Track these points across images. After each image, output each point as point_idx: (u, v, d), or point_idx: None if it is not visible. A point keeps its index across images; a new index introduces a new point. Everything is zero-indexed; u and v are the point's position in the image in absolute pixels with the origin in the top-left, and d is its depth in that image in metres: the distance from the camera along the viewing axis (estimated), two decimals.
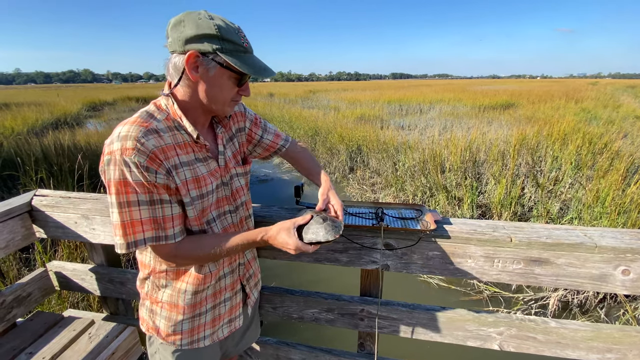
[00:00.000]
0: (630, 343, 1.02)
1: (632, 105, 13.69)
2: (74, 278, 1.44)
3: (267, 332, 1.39)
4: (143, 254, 0.88)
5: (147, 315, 0.93)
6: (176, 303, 0.87)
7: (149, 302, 0.92)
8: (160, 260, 0.84)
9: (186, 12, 0.73)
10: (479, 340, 1.11)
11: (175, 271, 0.87)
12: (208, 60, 0.73)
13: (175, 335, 0.90)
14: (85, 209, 1.27)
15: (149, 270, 0.88)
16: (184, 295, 0.87)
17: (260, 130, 1.05)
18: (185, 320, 0.89)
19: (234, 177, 0.93)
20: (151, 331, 0.93)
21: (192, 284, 0.87)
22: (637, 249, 0.91)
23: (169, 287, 0.88)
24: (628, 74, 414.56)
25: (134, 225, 0.72)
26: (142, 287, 0.93)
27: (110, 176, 0.70)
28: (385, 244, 1.06)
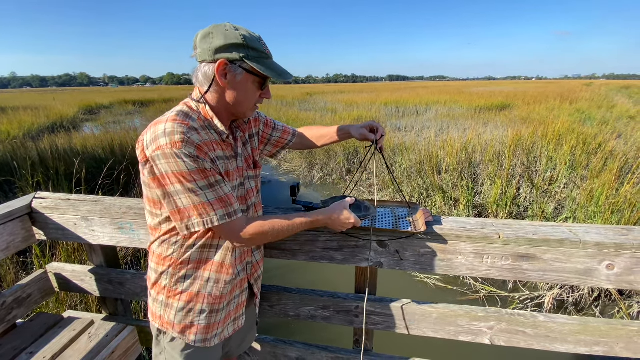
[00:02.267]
0: (616, 336, 1.05)
1: (626, 105, 13.84)
2: (73, 279, 1.46)
3: (264, 331, 1.42)
4: (162, 246, 0.90)
5: (161, 310, 0.93)
6: (198, 292, 0.90)
7: (165, 297, 0.92)
8: (187, 250, 0.88)
9: (213, 25, 0.81)
10: (470, 335, 1.14)
11: (198, 260, 0.89)
12: (235, 67, 0.81)
13: (192, 329, 0.92)
14: (85, 210, 1.29)
15: (169, 262, 0.90)
16: (207, 284, 0.91)
17: (270, 129, 1.15)
18: (203, 313, 0.92)
19: (246, 179, 0.98)
20: (166, 326, 0.93)
21: (215, 272, 0.91)
22: (620, 244, 0.95)
23: (190, 278, 0.90)
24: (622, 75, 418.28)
25: (205, 206, 0.79)
26: (157, 282, 0.93)
27: (165, 169, 0.76)
28: (379, 242, 1.09)
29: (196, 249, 0.89)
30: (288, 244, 1.17)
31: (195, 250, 0.89)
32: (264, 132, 1.14)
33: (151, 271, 0.94)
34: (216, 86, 0.84)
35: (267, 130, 1.14)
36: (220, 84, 0.82)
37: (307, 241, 1.15)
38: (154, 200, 0.85)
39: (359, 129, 1.15)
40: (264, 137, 1.14)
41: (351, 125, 1.19)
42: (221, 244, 0.91)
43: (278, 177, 7.33)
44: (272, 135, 1.16)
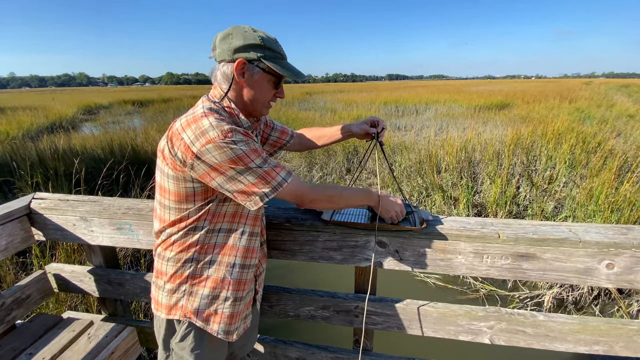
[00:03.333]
0: (616, 335, 1.05)
1: (626, 104, 13.85)
2: (72, 280, 1.46)
3: (264, 331, 1.41)
4: (188, 234, 0.89)
5: (184, 299, 0.91)
6: (223, 278, 0.92)
7: (189, 285, 0.91)
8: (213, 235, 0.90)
9: (233, 27, 0.86)
10: (470, 334, 1.14)
11: (222, 245, 0.91)
12: (253, 67, 0.85)
13: (216, 317, 0.92)
14: (84, 211, 1.29)
15: (194, 248, 0.90)
16: (232, 269, 0.92)
17: (269, 129, 1.20)
18: (228, 300, 0.93)
19: None
20: (189, 314, 0.91)
21: (240, 257, 0.93)
22: (620, 244, 0.95)
23: (215, 263, 0.91)
24: (622, 74, 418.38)
25: (269, 173, 0.84)
26: (177, 273, 0.91)
27: (222, 158, 0.79)
28: (378, 241, 1.09)
29: (222, 234, 0.91)
30: (287, 244, 1.17)
31: (221, 234, 0.91)
32: (264, 132, 1.17)
33: (169, 264, 0.92)
34: (234, 84, 0.88)
35: (266, 130, 1.18)
36: (239, 82, 0.87)
37: (306, 241, 1.15)
38: (185, 195, 0.86)
39: (359, 125, 1.19)
40: (263, 136, 1.17)
41: (351, 123, 1.22)
42: (246, 229, 0.94)
43: None
44: (271, 135, 1.19)
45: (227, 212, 0.91)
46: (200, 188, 0.86)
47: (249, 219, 0.94)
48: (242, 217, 0.93)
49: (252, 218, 0.95)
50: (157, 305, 0.96)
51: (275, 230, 1.16)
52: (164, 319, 0.95)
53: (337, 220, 1.10)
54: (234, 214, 0.92)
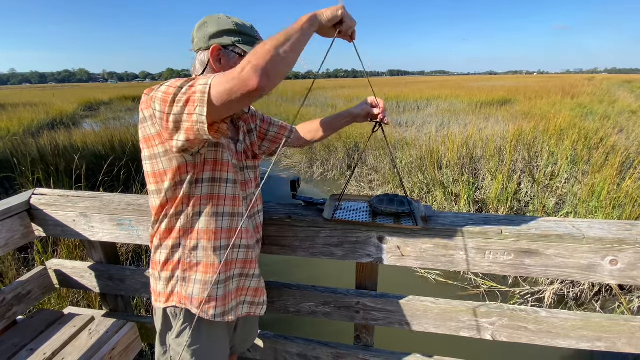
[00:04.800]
0: (619, 332, 1.05)
1: (628, 100, 13.76)
2: (73, 276, 1.46)
3: (264, 326, 1.41)
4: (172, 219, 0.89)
5: (178, 286, 0.92)
6: (213, 262, 0.90)
7: (181, 271, 0.91)
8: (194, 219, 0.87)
9: (208, 16, 0.86)
10: (472, 330, 1.14)
11: (206, 229, 0.89)
12: (229, 52, 0.85)
13: (210, 303, 0.92)
14: (84, 207, 1.28)
15: (180, 234, 0.89)
16: (220, 252, 0.90)
17: (267, 125, 1.16)
18: (220, 283, 0.92)
19: (244, 169, 0.98)
20: (184, 301, 0.91)
21: (225, 238, 0.91)
22: (624, 240, 0.94)
23: (202, 248, 0.90)
24: (624, 69, 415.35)
25: (192, 85, 0.72)
26: (171, 260, 0.91)
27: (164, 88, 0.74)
28: (379, 237, 1.08)
29: (203, 217, 0.88)
30: (288, 240, 1.16)
31: (202, 218, 0.88)
32: (261, 128, 1.14)
33: (161, 252, 0.92)
34: (211, 72, 0.85)
35: (264, 126, 1.15)
36: (215, 69, 0.85)
37: (307, 237, 1.14)
38: (158, 173, 0.84)
39: (360, 107, 1.14)
40: (261, 132, 1.14)
41: (350, 108, 1.17)
42: (226, 210, 0.90)
43: (278, 173, 7.32)
44: (269, 131, 1.16)
45: (203, 194, 0.87)
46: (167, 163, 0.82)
47: (227, 199, 0.90)
48: (220, 199, 0.89)
49: (230, 198, 0.91)
50: (155, 295, 0.96)
51: (276, 226, 1.15)
52: (162, 308, 0.95)
53: (338, 218, 1.10)
54: (210, 196, 0.88)
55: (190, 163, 0.84)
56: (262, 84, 0.66)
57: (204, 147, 0.83)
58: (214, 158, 0.86)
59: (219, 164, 0.87)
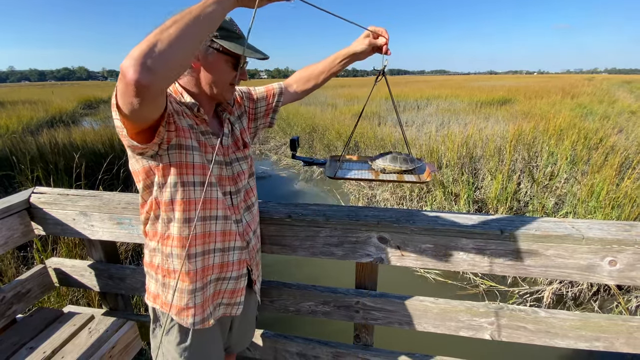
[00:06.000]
0: (617, 332, 1.05)
1: (628, 100, 13.76)
2: (73, 274, 1.46)
3: (264, 325, 1.42)
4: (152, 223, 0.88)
5: (160, 289, 0.92)
6: (188, 270, 0.88)
7: (162, 276, 0.91)
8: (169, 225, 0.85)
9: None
10: (471, 330, 1.14)
11: (179, 236, 0.86)
12: (206, 47, 0.80)
13: (189, 310, 0.90)
14: (84, 205, 1.28)
15: (159, 239, 0.89)
16: (195, 260, 0.88)
17: (254, 102, 1.09)
18: (197, 291, 0.90)
19: (234, 162, 0.96)
20: (164, 307, 0.92)
21: (200, 244, 0.88)
22: (623, 240, 0.94)
23: (176, 256, 0.88)
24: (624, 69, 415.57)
25: None
26: (152, 262, 0.92)
27: None
28: (380, 237, 1.09)
29: (175, 224, 0.85)
30: (288, 240, 1.16)
31: (175, 225, 0.85)
32: (250, 109, 1.08)
33: (148, 252, 0.94)
34: (190, 71, 0.83)
35: (252, 106, 1.08)
36: (193, 65, 0.82)
37: (307, 237, 1.14)
38: (135, 173, 0.84)
39: (362, 40, 1.00)
40: (250, 113, 1.09)
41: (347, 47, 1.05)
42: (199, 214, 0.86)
43: (278, 172, 7.32)
44: (258, 108, 1.10)
45: (172, 199, 0.83)
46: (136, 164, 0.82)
47: (198, 203, 0.85)
48: (190, 204, 0.84)
49: (201, 202, 0.86)
50: (147, 292, 0.97)
51: (276, 225, 1.15)
52: (151, 307, 0.96)
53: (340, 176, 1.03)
54: (181, 201, 0.83)
55: (154, 166, 0.81)
56: (140, 77, 0.54)
57: (162, 150, 0.78)
58: (178, 161, 0.81)
59: (184, 166, 0.82)
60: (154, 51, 0.55)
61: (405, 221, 1.06)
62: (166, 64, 0.57)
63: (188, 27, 0.58)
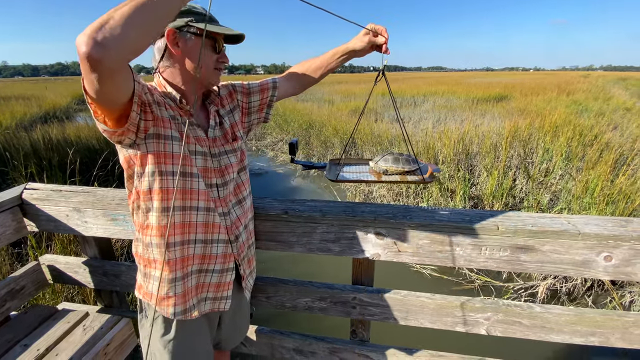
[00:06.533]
0: (612, 327, 1.06)
1: (623, 97, 13.86)
2: (67, 271, 1.44)
3: (261, 321, 1.41)
4: (135, 213, 0.90)
5: (142, 279, 0.94)
6: (167, 259, 0.88)
7: (143, 266, 0.93)
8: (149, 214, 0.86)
9: None
10: (467, 325, 1.14)
11: (158, 225, 0.86)
12: (184, 33, 0.82)
13: (169, 300, 0.90)
14: (77, 201, 1.27)
15: (140, 229, 0.90)
16: (174, 249, 0.88)
17: (248, 97, 1.08)
18: (178, 280, 0.90)
19: (222, 154, 0.95)
20: (146, 297, 0.94)
21: (179, 234, 0.88)
22: (619, 236, 0.94)
23: (155, 245, 0.88)
24: (620, 66, 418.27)
25: None
26: (137, 252, 0.94)
27: None
28: (376, 233, 1.08)
29: (154, 213, 0.86)
30: (284, 236, 1.15)
31: (154, 214, 0.86)
32: (244, 103, 1.07)
33: (134, 243, 0.96)
34: (171, 58, 0.84)
35: (245, 100, 1.08)
36: (175, 53, 0.83)
37: (303, 233, 1.14)
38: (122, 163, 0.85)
39: (361, 38, 1.00)
40: (244, 107, 1.08)
41: (346, 43, 1.05)
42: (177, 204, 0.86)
43: (275, 169, 7.30)
44: (252, 102, 1.08)
45: (150, 188, 0.84)
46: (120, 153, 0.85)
47: (177, 192, 0.86)
48: (169, 193, 0.84)
49: (180, 192, 0.86)
50: (137, 284, 0.98)
51: (272, 221, 1.14)
52: (138, 298, 0.97)
53: (343, 179, 1.05)
54: (159, 190, 0.83)
55: (133, 155, 0.82)
56: (91, 52, 0.54)
57: (140, 139, 0.79)
58: (156, 150, 0.81)
59: (163, 156, 0.82)
60: (105, 27, 0.55)
61: (402, 217, 1.06)
62: (117, 40, 0.56)
63: (142, 6, 0.58)
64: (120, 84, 0.66)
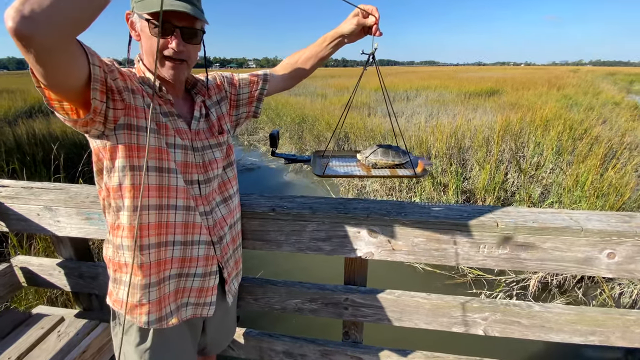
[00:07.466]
0: (613, 325, 1.03)
1: (611, 92, 14.05)
2: (40, 273, 1.35)
3: (249, 323, 1.35)
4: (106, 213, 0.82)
5: (112, 285, 0.87)
6: (141, 263, 0.79)
7: (113, 270, 0.85)
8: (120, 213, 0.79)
9: None
10: (464, 326, 1.10)
11: (129, 226, 0.78)
12: (134, 15, 0.77)
13: (142, 308, 0.82)
14: (48, 199, 1.18)
15: (110, 229, 0.83)
16: (148, 252, 0.80)
17: (237, 89, 1.02)
18: (152, 286, 0.82)
19: (206, 148, 0.88)
20: (116, 305, 0.86)
21: (154, 235, 0.80)
22: (623, 232, 0.90)
23: (127, 247, 0.80)
24: (608, 62, 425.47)
25: None
26: (106, 254, 0.86)
27: None
28: (369, 231, 1.02)
29: (126, 212, 0.78)
30: (272, 235, 1.09)
31: (125, 214, 0.78)
32: (232, 95, 1.00)
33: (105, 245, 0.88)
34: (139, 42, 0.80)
35: (234, 92, 1.01)
36: (136, 38, 0.79)
37: (292, 231, 1.07)
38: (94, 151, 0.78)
39: (350, 20, 0.92)
40: (232, 100, 1.01)
41: (335, 28, 0.98)
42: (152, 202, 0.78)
43: (267, 164, 7.20)
44: (241, 94, 1.02)
45: (121, 184, 0.76)
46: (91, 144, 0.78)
47: (152, 190, 0.78)
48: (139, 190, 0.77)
49: (155, 189, 0.78)
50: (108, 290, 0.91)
51: (259, 219, 1.07)
52: (109, 305, 0.89)
53: (329, 174, 0.97)
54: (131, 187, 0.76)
55: (102, 147, 0.74)
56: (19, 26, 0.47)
57: (109, 130, 0.71)
58: (127, 142, 0.73)
59: (135, 149, 0.75)
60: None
61: (396, 214, 1.00)
62: (47, 13, 0.48)
63: None
64: (66, 66, 0.57)
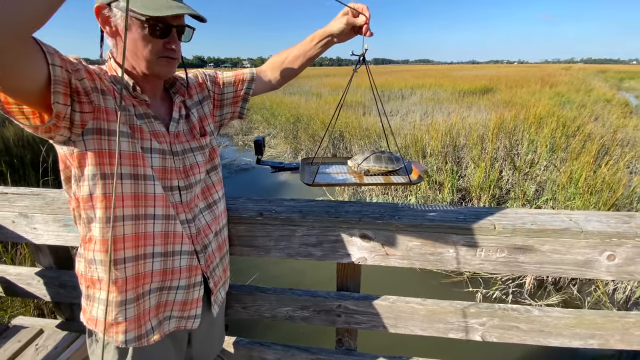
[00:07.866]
0: (613, 328, 1.00)
1: (603, 89, 14.20)
2: (19, 283, 1.29)
3: (238, 331, 1.30)
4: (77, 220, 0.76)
5: (85, 302, 0.80)
6: (116, 278, 0.73)
7: (85, 287, 0.79)
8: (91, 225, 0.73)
9: None
10: (461, 332, 1.06)
11: (102, 239, 0.72)
12: (110, 10, 0.68)
13: (119, 326, 0.76)
14: (23, 206, 1.11)
15: (82, 242, 0.77)
16: (124, 266, 0.73)
17: (220, 87, 0.96)
18: (129, 303, 0.75)
19: (187, 152, 0.82)
20: (90, 324, 0.80)
21: (131, 248, 0.74)
22: (623, 233, 0.87)
23: (100, 261, 0.74)
24: (599, 59, 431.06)
25: None
26: (78, 269, 0.81)
27: None
28: (362, 235, 0.98)
29: (98, 225, 0.72)
30: (260, 240, 1.04)
31: (98, 226, 0.72)
32: (215, 94, 0.95)
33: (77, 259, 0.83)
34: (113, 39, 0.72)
35: (217, 91, 0.95)
36: (111, 35, 0.71)
37: (281, 236, 1.02)
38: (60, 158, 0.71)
39: (340, 19, 0.87)
40: (216, 99, 0.95)
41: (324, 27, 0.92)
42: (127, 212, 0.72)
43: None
44: (225, 93, 0.96)
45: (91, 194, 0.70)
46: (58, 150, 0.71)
47: (126, 199, 0.72)
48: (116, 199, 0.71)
49: (131, 197, 0.72)
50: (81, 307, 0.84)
51: (246, 224, 1.02)
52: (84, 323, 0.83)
53: (319, 182, 0.92)
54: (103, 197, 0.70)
55: (69, 154, 0.68)
56: None
57: (76, 135, 0.66)
58: (97, 148, 0.67)
59: (106, 155, 0.69)
60: None
61: (389, 217, 0.96)
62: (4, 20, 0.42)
63: None
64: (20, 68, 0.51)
